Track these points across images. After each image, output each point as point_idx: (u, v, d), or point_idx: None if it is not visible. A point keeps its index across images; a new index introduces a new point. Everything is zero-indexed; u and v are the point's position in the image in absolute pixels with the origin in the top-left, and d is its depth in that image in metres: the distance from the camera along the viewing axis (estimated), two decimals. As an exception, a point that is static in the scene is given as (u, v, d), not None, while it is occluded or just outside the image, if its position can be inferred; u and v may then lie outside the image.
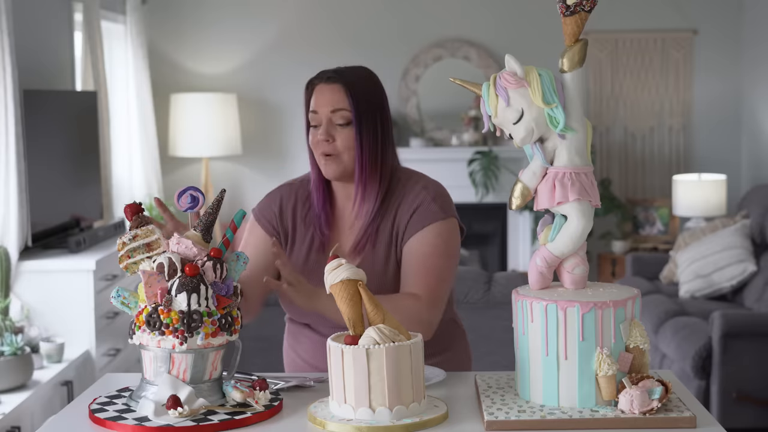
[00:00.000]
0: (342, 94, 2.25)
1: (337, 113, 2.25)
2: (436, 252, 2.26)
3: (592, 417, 1.80)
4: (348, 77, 2.28)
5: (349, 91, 2.25)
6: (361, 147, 2.26)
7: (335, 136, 2.26)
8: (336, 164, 2.27)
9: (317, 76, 2.31)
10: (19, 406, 3.62)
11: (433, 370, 2.18)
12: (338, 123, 2.26)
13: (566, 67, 1.90)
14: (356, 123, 2.25)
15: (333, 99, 2.25)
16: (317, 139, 2.27)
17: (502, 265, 7.09)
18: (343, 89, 2.26)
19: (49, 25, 5.09)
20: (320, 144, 2.27)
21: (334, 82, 2.27)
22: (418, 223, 2.28)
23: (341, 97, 2.25)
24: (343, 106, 2.25)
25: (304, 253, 2.35)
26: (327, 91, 2.27)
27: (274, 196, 2.42)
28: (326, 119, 2.26)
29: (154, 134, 6.45)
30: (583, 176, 1.90)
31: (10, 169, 4.19)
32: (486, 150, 6.82)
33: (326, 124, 2.26)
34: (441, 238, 2.27)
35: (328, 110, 2.26)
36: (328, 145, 2.26)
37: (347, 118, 2.25)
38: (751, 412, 4.42)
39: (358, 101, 2.25)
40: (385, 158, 2.30)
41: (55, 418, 1.96)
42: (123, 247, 1.95)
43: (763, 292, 5.07)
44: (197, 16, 7.07)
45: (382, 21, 7.08)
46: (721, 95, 7.08)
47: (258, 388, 1.91)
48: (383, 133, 2.29)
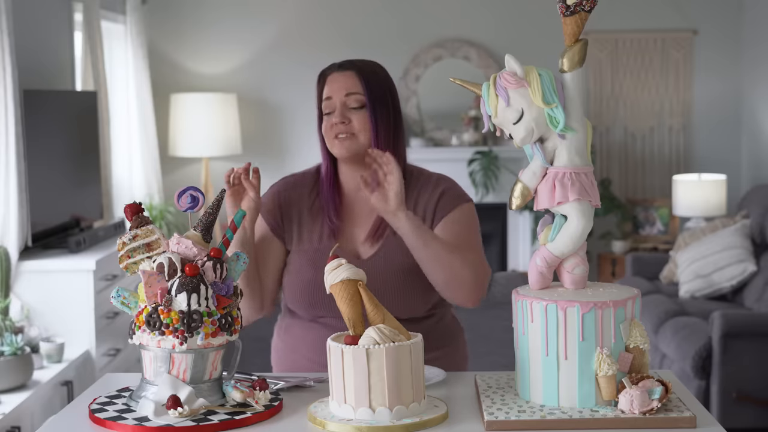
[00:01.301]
0: (355, 79, 2.33)
1: (351, 97, 2.32)
2: (470, 230, 2.36)
3: (592, 417, 1.80)
4: (359, 65, 2.36)
5: (361, 76, 2.33)
6: (376, 129, 2.32)
7: (350, 118, 2.32)
8: (350, 142, 2.32)
9: (329, 68, 2.39)
10: (19, 406, 3.62)
11: (433, 370, 2.18)
12: (352, 106, 2.32)
13: (566, 67, 1.90)
14: (370, 106, 2.32)
15: (347, 84, 2.33)
16: (332, 122, 2.33)
17: (502, 265, 7.09)
18: (356, 75, 2.34)
19: (49, 25, 5.09)
20: (335, 127, 2.32)
21: (347, 69, 2.35)
22: (448, 204, 2.36)
23: (354, 81, 2.33)
24: (357, 90, 2.33)
25: (315, 241, 2.37)
26: (340, 77, 2.34)
27: (278, 188, 2.46)
28: (340, 103, 2.33)
29: (154, 134, 6.45)
30: (583, 176, 1.90)
31: (10, 169, 4.19)
32: (486, 150, 6.82)
33: (341, 108, 2.32)
34: (472, 219, 2.38)
35: (342, 95, 2.32)
36: (344, 126, 2.32)
37: (361, 101, 2.32)
38: (751, 412, 4.42)
39: (370, 85, 2.33)
40: (398, 142, 2.37)
41: (55, 418, 1.96)
42: (123, 247, 1.95)
43: (763, 292, 5.07)
44: (197, 16, 7.08)
45: (382, 21, 7.08)
46: (721, 95, 7.08)
47: (258, 388, 1.91)
48: (395, 118, 2.36)
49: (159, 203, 6.42)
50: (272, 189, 2.47)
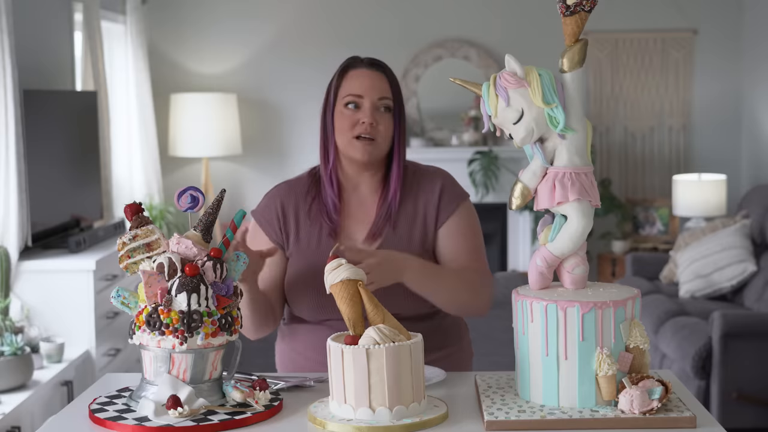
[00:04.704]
0: (386, 83, 2.37)
1: (382, 101, 2.35)
2: (474, 231, 2.41)
3: (592, 417, 1.80)
4: (385, 67, 2.41)
5: (391, 81, 2.38)
6: (398, 136, 2.38)
7: (379, 122, 2.34)
8: (373, 147, 2.34)
9: (354, 61, 2.41)
10: (19, 406, 3.62)
11: (433, 370, 2.18)
12: (381, 110, 2.35)
13: (566, 67, 1.90)
14: (396, 112, 2.37)
15: (381, 87, 2.36)
16: (358, 120, 2.33)
17: (502, 265, 7.09)
18: (386, 78, 2.38)
19: (49, 25, 5.09)
20: (361, 126, 2.33)
21: (377, 71, 2.38)
22: (450, 204, 2.39)
23: (386, 85, 2.37)
24: (388, 95, 2.36)
25: (315, 243, 2.36)
26: (374, 77, 2.36)
27: (273, 197, 2.43)
28: (372, 104, 2.34)
29: (154, 134, 6.45)
30: (583, 176, 1.90)
31: (10, 169, 4.19)
32: (486, 150, 6.82)
33: (371, 109, 2.34)
34: (473, 216, 2.43)
35: (375, 96, 2.35)
36: (373, 129, 2.33)
37: (389, 106, 2.36)
38: (751, 412, 4.42)
39: (396, 92, 2.38)
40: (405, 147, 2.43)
41: (55, 418, 1.96)
42: (123, 247, 1.95)
43: (763, 292, 5.07)
44: (197, 16, 7.07)
45: (382, 21, 7.08)
46: (721, 95, 7.08)
47: (258, 388, 1.91)
48: (405, 124, 2.42)
49: (159, 203, 6.42)
50: (267, 199, 2.44)
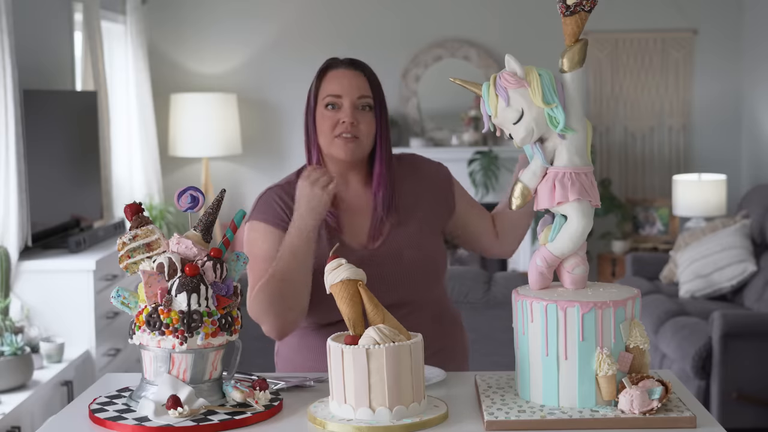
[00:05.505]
0: (365, 82, 2.38)
1: (362, 99, 2.37)
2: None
3: (592, 417, 1.80)
4: (363, 66, 2.42)
5: (370, 79, 2.39)
6: (380, 134, 2.39)
7: (360, 120, 2.36)
8: (355, 146, 2.36)
9: (333, 62, 2.41)
10: (19, 406, 3.62)
11: (433, 370, 2.18)
12: (361, 109, 2.37)
13: (566, 67, 1.90)
14: (377, 110, 2.39)
15: (360, 86, 2.37)
16: (338, 120, 2.35)
17: (502, 265, 7.09)
18: (365, 77, 2.39)
19: (49, 25, 5.09)
20: (342, 126, 2.34)
21: (356, 70, 2.39)
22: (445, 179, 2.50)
23: (365, 84, 2.38)
24: (367, 93, 2.38)
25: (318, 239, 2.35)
26: (352, 77, 2.38)
27: (271, 197, 2.41)
28: (351, 104, 2.35)
29: (154, 134, 6.45)
30: (583, 176, 1.90)
31: (10, 169, 4.19)
32: (486, 150, 6.82)
33: (351, 108, 2.35)
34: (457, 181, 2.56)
35: (354, 95, 2.36)
36: (354, 127, 2.35)
37: (370, 104, 2.38)
38: (751, 412, 4.42)
39: (376, 89, 2.40)
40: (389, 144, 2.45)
41: (55, 418, 1.96)
42: (123, 247, 1.95)
43: (763, 292, 5.07)
44: (197, 16, 7.07)
45: (382, 21, 7.08)
46: (721, 95, 7.08)
47: (258, 388, 1.91)
48: (388, 121, 2.44)
49: (159, 203, 6.42)
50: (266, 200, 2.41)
